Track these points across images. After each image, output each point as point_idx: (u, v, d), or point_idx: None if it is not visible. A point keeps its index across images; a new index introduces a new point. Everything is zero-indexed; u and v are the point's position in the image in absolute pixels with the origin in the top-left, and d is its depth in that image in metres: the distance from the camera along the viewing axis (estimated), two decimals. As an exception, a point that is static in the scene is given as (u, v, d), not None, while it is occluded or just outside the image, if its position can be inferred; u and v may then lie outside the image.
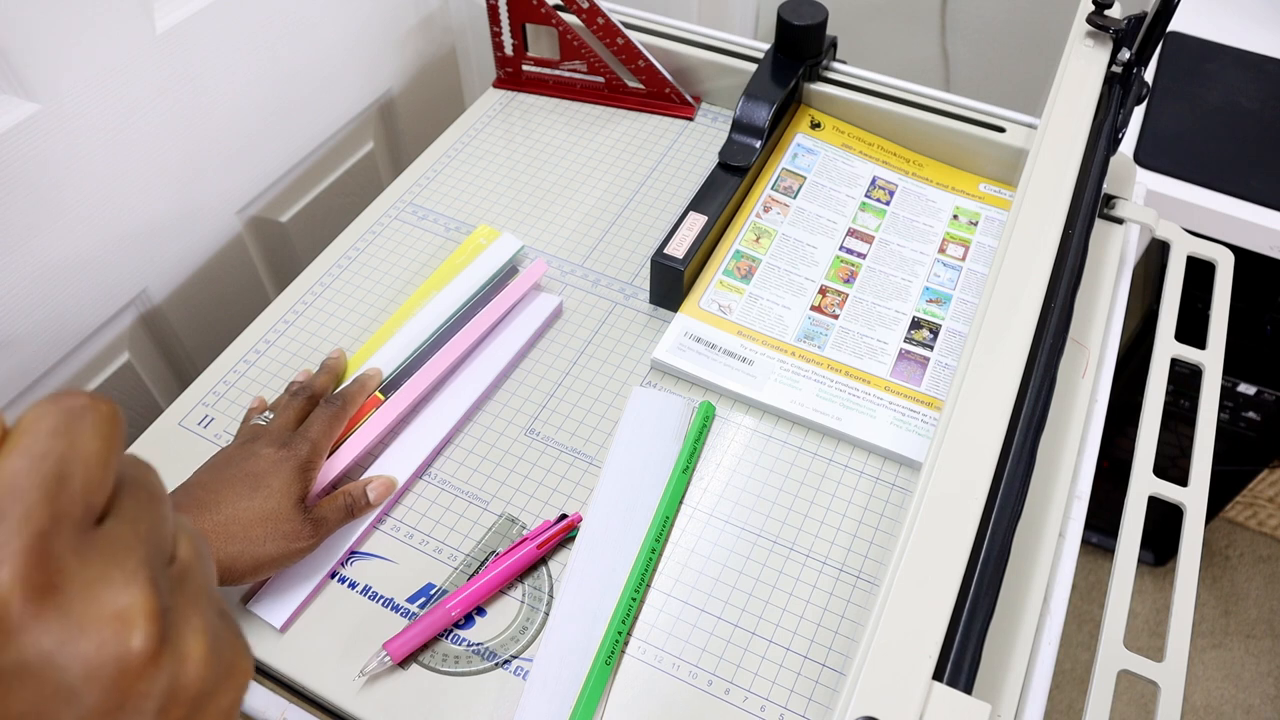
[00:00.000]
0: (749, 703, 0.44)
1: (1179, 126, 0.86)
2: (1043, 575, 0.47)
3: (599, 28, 0.70)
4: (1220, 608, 1.29)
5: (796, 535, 0.50)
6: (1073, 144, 0.54)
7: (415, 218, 0.66)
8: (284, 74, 0.69)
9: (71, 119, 0.54)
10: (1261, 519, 1.34)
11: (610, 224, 0.66)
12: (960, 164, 0.70)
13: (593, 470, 0.52)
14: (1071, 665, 1.22)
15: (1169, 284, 0.62)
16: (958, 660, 0.35)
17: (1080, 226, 0.52)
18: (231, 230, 0.71)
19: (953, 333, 0.59)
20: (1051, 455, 0.52)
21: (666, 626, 0.46)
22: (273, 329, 0.59)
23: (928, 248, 0.64)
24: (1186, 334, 0.59)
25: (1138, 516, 0.51)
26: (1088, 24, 0.61)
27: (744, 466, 0.52)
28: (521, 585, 0.47)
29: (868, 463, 0.53)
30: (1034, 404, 0.44)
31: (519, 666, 0.44)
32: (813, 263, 0.63)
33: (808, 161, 0.69)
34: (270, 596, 0.46)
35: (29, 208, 0.54)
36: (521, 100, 0.76)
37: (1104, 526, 1.28)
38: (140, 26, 0.56)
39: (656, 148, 0.72)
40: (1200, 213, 0.80)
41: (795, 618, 0.47)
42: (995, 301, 0.46)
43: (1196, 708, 1.21)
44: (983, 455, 0.40)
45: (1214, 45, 0.95)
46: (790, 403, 0.55)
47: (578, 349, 0.58)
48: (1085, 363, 0.57)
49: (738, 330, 0.58)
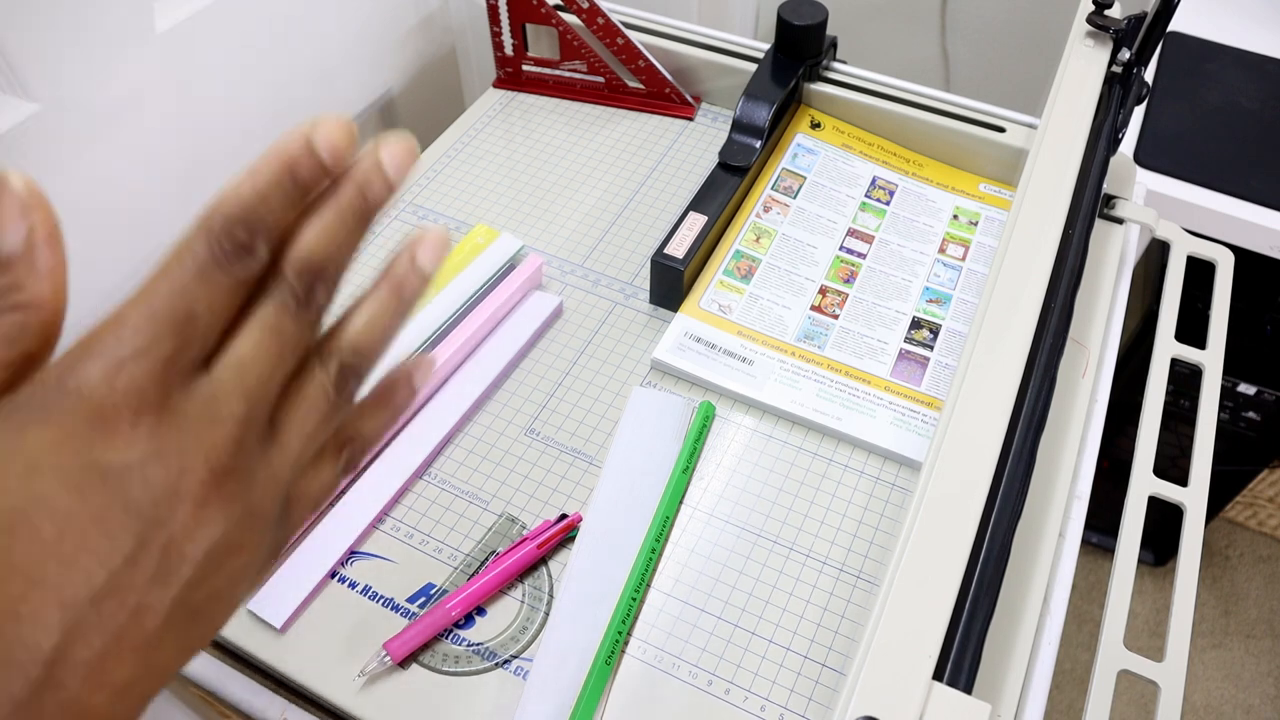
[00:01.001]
0: (749, 703, 0.44)
1: (1179, 126, 0.86)
2: (1043, 575, 0.47)
3: (599, 28, 0.70)
4: (1220, 608, 1.29)
5: (796, 535, 0.50)
6: (1073, 144, 0.54)
7: (415, 218, 0.66)
8: (284, 74, 0.69)
9: (71, 119, 0.54)
10: (1261, 519, 1.34)
11: (610, 224, 0.66)
12: (960, 164, 0.70)
13: (593, 470, 0.52)
14: (1071, 665, 1.22)
15: (1169, 284, 0.62)
16: (958, 660, 0.35)
17: (1080, 226, 0.52)
18: (231, 230, 0.71)
19: (953, 333, 0.59)
20: (1051, 455, 0.52)
21: (666, 626, 0.46)
22: (273, 329, 0.59)
23: (928, 248, 0.64)
24: (1186, 334, 0.59)
25: (1138, 516, 0.51)
26: (1088, 24, 0.61)
27: (744, 466, 0.52)
28: (521, 585, 0.47)
29: (868, 463, 0.53)
30: (1034, 404, 0.44)
31: (519, 666, 0.44)
32: (813, 263, 0.63)
33: (808, 161, 0.69)
34: (270, 596, 0.46)
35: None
36: (521, 100, 0.76)
37: (1104, 526, 1.28)
38: (140, 26, 0.56)
39: (656, 148, 0.72)
40: (1200, 213, 0.80)
41: (795, 618, 0.47)
42: (995, 301, 0.46)
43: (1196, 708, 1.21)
44: (983, 455, 0.40)
45: (1214, 45, 0.95)
46: (790, 403, 0.55)
47: (578, 349, 0.58)
48: (1085, 363, 0.57)
49: (738, 330, 0.58)
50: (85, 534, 0.19)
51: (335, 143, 0.21)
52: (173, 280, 0.19)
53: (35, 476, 0.18)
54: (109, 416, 0.19)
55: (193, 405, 0.20)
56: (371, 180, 0.22)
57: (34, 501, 0.18)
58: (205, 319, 0.20)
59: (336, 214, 0.22)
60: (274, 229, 0.21)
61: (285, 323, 0.21)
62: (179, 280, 0.19)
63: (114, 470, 0.19)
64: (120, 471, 0.19)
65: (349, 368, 0.23)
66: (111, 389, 0.19)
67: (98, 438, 0.19)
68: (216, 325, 0.20)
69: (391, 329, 0.23)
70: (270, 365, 0.21)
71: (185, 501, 0.20)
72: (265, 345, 0.21)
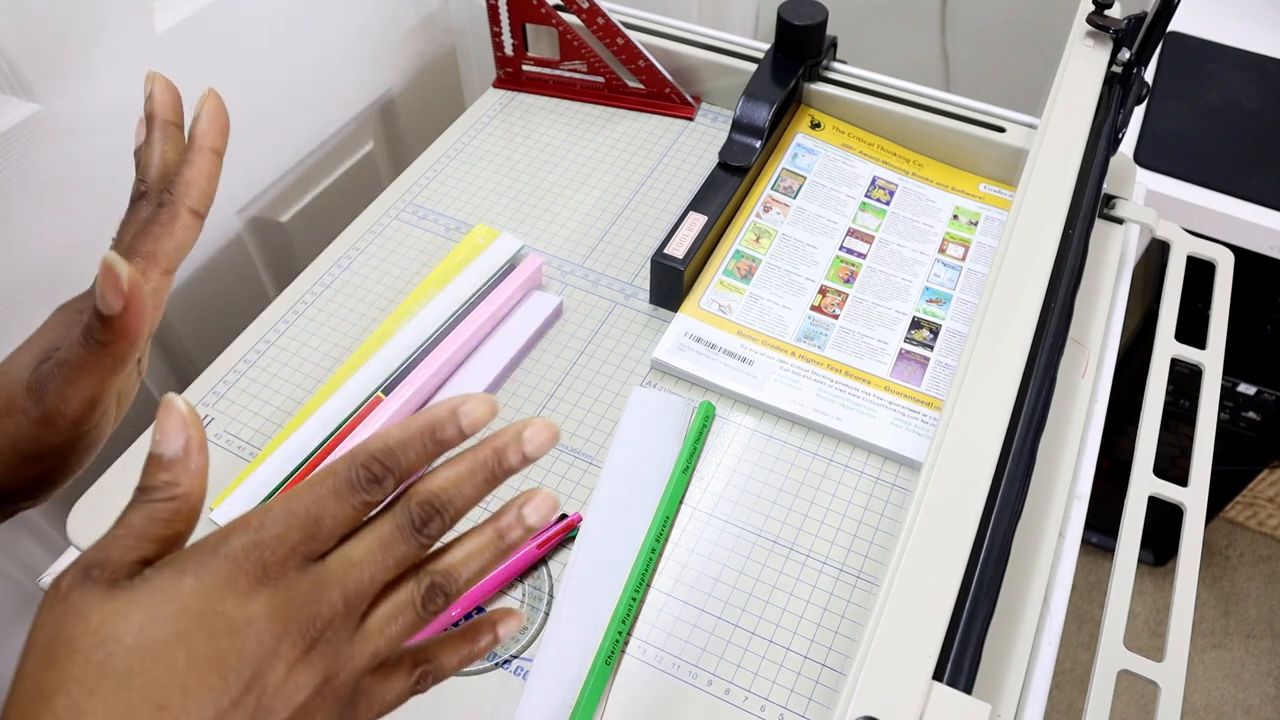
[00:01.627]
0: (749, 703, 0.44)
1: (1179, 126, 0.86)
2: (1043, 575, 0.47)
3: (599, 28, 0.70)
4: (1220, 608, 1.29)
5: (796, 535, 0.50)
6: (1073, 144, 0.54)
7: (415, 218, 0.66)
8: (284, 74, 0.69)
9: (71, 119, 0.54)
10: (1261, 519, 1.34)
11: (610, 224, 0.66)
12: (960, 164, 0.70)
13: (593, 470, 0.52)
14: (1071, 665, 1.22)
15: (1169, 284, 0.62)
16: (958, 660, 0.35)
17: (1080, 226, 0.52)
18: (231, 230, 0.71)
19: (953, 333, 0.59)
20: (1051, 455, 0.52)
21: (666, 626, 0.46)
22: (273, 329, 0.59)
23: (928, 248, 0.64)
24: (1186, 334, 0.59)
25: (1138, 516, 0.51)
26: (1088, 24, 0.61)
27: (744, 466, 0.52)
28: (521, 585, 0.47)
29: (868, 463, 0.53)
30: (1034, 404, 0.44)
31: (519, 666, 0.44)
32: (813, 263, 0.63)
33: (808, 161, 0.69)
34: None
35: (29, 208, 0.54)
36: (521, 100, 0.76)
37: (1104, 526, 1.28)
38: (140, 26, 0.56)
39: (656, 148, 0.72)
40: (1200, 213, 0.80)
41: (795, 618, 0.47)
42: (995, 301, 0.46)
43: (1196, 708, 1.21)
44: (983, 455, 0.40)
45: (1214, 45, 0.95)
46: (790, 403, 0.55)
47: (578, 349, 0.58)
48: (1085, 363, 0.57)
49: (738, 330, 0.58)
50: (206, 672, 0.23)
51: (477, 419, 0.26)
52: (314, 491, 0.25)
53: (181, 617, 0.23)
54: (241, 580, 0.24)
55: (303, 586, 0.25)
56: (509, 449, 0.27)
57: (176, 637, 0.23)
58: (329, 525, 0.25)
59: (469, 466, 0.26)
60: (406, 471, 0.26)
61: (396, 540, 0.26)
62: (319, 492, 0.25)
63: (236, 623, 0.24)
64: (240, 625, 0.24)
65: (438, 587, 0.27)
66: (247, 558, 0.24)
67: (229, 594, 0.24)
68: (338, 531, 0.25)
69: (486, 567, 0.28)
70: (373, 571, 0.26)
71: (282, 660, 0.24)
72: (374, 553, 0.26)
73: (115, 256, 0.27)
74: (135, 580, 0.24)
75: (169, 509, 0.25)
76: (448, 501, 0.26)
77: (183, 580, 0.24)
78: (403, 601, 0.27)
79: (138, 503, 0.26)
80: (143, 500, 0.25)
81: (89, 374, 0.29)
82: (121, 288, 0.27)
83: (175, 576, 0.24)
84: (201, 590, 0.24)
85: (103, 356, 0.29)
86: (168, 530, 0.25)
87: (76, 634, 0.23)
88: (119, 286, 0.27)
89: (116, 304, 0.28)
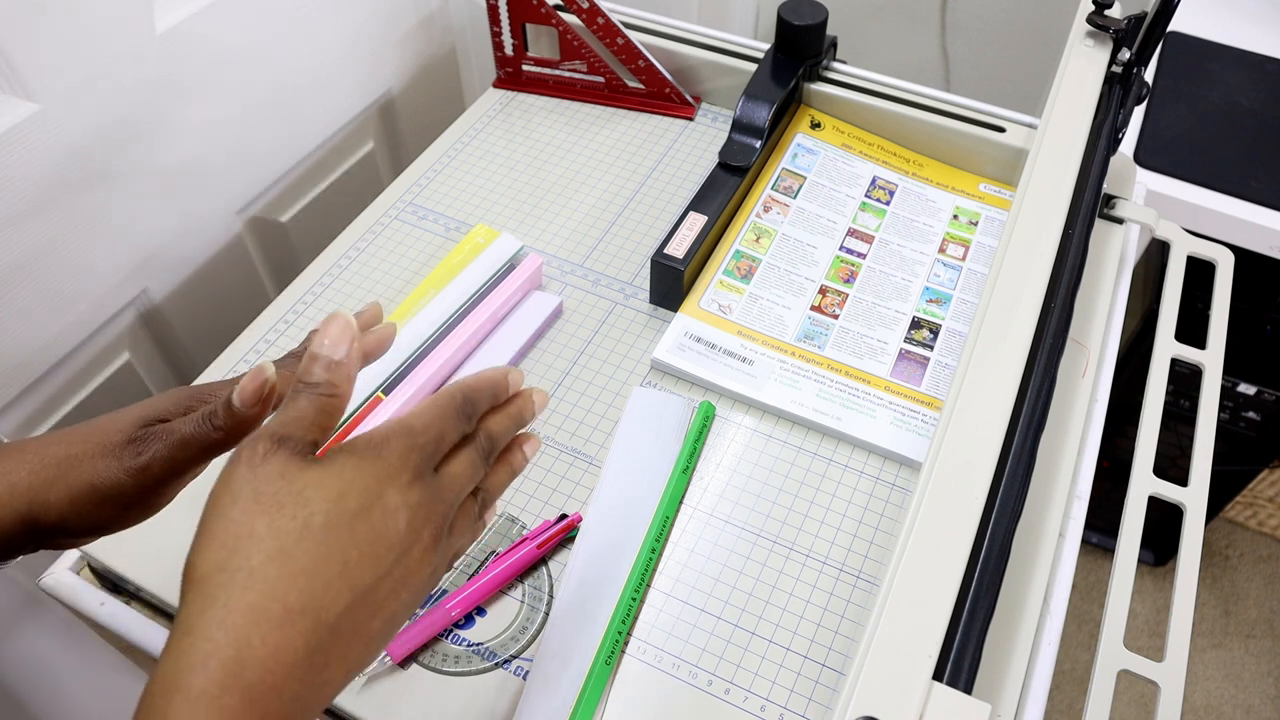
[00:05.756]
0: (749, 703, 0.44)
1: (1179, 126, 0.86)
2: (1043, 575, 0.47)
3: (599, 28, 0.70)
4: (1220, 608, 1.29)
5: (796, 535, 0.50)
6: (1073, 144, 0.54)
7: (415, 217, 0.66)
8: (284, 74, 0.69)
9: (71, 119, 0.54)
10: (1261, 519, 1.34)
11: (610, 224, 0.66)
12: (960, 164, 0.70)
13: (593, 470, 0.52)
14: (1071, 665, 1.22)
15: (1169, 284, 0.62)
16: (958, 660, 0.35)
17: (1080, 226, 0.52)
18: (231, 230, 0.71)
19: (953, 333, 0.59)
20: (1051, 455, 0.52)
21: (666, 626, 0.46)
22: (273, 329, 0.59)
23: (928, 248, 0.64)
24: (1186, 334, 0.59)
25: (1138, 516, 0.51)
26: (1088, 24, 0.61)
27: (744, 466, 0.52)
28: (521, 585, 0.47)
29: (868, 463, 0.53)
30: (1034, 404, 0.44)
31: (519, 666, 0.44)
32: (813, 263, 0.63)
33: (808, 161, 0.69)
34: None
35: (28, 208, 0.54)
36: (521, 100, 0.76)
37: (1104, 526, 1.28)
38: (140, 26, 0.56)
39: (656, 148, 0.72)
40: (1200, 213, 0.80)
41: (795, 618, 0.47)
42: (995, 301, 0.46)
43: (1196, 708, 1.21)
44: (983, 455, 0.40)
45: (1214, 45, 0.95)
46: (790, 403, 0.55)
47: (578, 349, 0.58)
48: (1085, 363, 0.57)
49: (738, 330, 0.58)
50: (376, 543, 0.29)
51: (517, 384, 0.37)
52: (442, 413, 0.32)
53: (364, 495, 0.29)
54: (403, 474, 0.30)
55: (435, 487, 0.31)
56: (525, 406, 0.37)
57: (361, 510, 0.29)
58: (448, 442, 0.33)
59: (507, 416, 0.36)
60: (482, 409, 0.35)
61: (476, 459, 0.34)
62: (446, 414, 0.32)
63: (397, 509, 0.30)
64: (399, 510, 0.30)
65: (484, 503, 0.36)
66: (408, 458, 0.30)
67: (392, 485, 0.30)
68: (447, 449, 0.33)
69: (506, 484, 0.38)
70: (467, 478, 0.33)
71: (419, 545, 0.30)
72: (467, 470, 0.33)
73: (271, 368, 0.33)
74: (323, 459, 0.29)
75: (332, 404, 0.31)
76: (499, 437, 0.35)
77: (363, 466, 0.29)
78: (471, 509, 0.35)
79: (307, 392, 0.30)
80: (311, 392, 0.30)
81: (192, 449, 0.33)
82: (263, 393, 0.32)
83: (357, 462, 0.29)
84: (377, 477, 0.29)
85: (211, 438, 0.33)
86: (329, 421, 0.31)
87: (281, 492, 0.28)
88: (262, 393, 0.32)
89: (252, 404, 0.33)
